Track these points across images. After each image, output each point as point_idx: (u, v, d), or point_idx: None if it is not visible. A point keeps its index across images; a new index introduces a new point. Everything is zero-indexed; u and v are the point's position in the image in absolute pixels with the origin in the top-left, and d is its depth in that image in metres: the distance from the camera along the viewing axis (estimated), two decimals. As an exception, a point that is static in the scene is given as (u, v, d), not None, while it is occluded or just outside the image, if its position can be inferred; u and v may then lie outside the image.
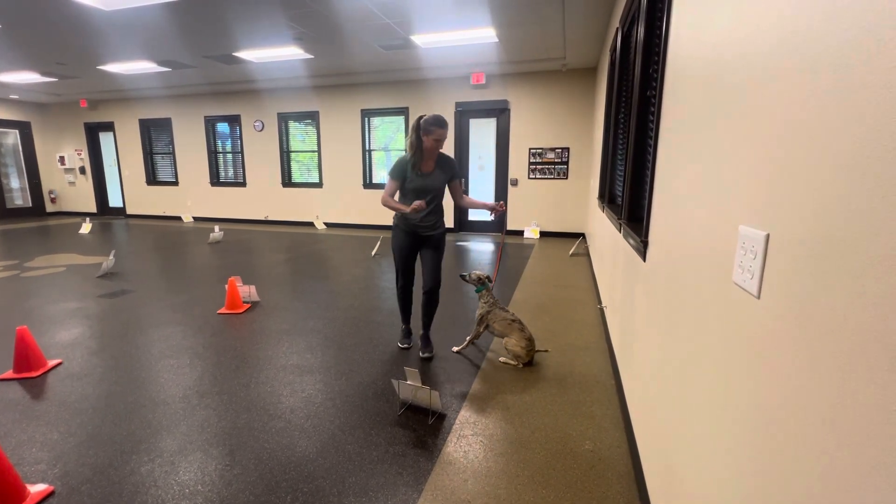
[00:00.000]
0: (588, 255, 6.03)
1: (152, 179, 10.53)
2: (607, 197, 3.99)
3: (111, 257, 5.18)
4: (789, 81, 0.70)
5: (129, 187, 10.78)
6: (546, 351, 2.92)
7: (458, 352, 2.91)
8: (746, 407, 0.79)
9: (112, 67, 6.89)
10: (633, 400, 2.02)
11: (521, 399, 2.34)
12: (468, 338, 2.92)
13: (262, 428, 2.08)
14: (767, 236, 0.74)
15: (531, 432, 2.05)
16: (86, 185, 11.20)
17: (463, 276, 2.92)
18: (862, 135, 0.52)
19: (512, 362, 2.73)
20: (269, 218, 9.61)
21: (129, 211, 10.96)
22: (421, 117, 2.58)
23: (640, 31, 2.32)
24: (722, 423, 0.90)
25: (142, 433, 2.04)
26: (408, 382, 2.19)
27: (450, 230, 8.15)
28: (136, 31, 5.07)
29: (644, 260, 1.89)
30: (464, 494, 1.66)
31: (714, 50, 1.11)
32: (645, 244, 1.87)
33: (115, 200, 11.21)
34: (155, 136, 10.32)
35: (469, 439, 2.00)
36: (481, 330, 2.85)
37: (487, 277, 2.91)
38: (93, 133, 10.82)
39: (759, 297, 0.76)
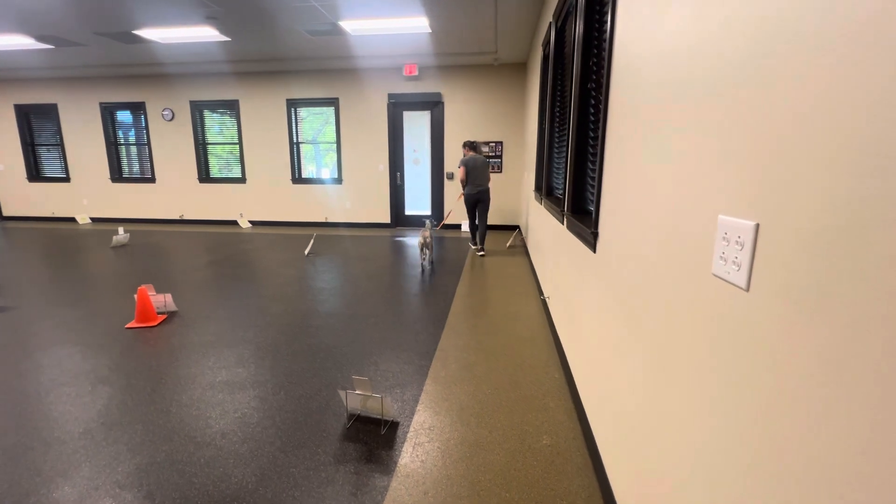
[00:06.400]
0: (525, 246, 6.16)
1: (35, 175, 9.08)
2: (545, 189, 4.06)
3: (-17, 268, 4.34)
4: (767, 62, 0.67)
5: (4, 185, 9.20)
6: None
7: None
8: (721, 402, 0.77)
9: (-27, 41, 5.77)
10: (584, 390, 2.03)
11: (474, 397, 2.28)
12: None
13: (187, 460, 1.81)
14: (757, 226, 0.71)
15: (489, 432, 1.99)
16: (-55, 182, 9.39)
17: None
18: (861, 120, 0.48)
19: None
20: (185, 217, 8.72)
21: (5, 213, 9.36)
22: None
23: (580, 25, 2.33)
24: (696, 415, 0.88)
25: (29, 483, 1.68)
26: (356, 392, 2.03)
27: (387, 225, 7.94)
28: (4, -2, 4.26)
29: (594, 251, 1.90)
30: (425, 509, 1.56)
31: (670, 38, 1.09)
32: (595, 235, 1.87)
33: (-14, 200, 9.52)
34: (37, 125, 8.88)
35: (426, 447, 1.89)
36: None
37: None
38: (-48, 120, 9.08)
39: (748, 290, 0.73)
